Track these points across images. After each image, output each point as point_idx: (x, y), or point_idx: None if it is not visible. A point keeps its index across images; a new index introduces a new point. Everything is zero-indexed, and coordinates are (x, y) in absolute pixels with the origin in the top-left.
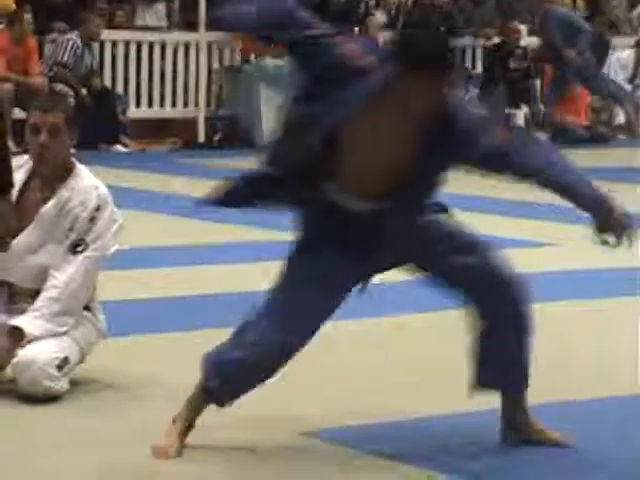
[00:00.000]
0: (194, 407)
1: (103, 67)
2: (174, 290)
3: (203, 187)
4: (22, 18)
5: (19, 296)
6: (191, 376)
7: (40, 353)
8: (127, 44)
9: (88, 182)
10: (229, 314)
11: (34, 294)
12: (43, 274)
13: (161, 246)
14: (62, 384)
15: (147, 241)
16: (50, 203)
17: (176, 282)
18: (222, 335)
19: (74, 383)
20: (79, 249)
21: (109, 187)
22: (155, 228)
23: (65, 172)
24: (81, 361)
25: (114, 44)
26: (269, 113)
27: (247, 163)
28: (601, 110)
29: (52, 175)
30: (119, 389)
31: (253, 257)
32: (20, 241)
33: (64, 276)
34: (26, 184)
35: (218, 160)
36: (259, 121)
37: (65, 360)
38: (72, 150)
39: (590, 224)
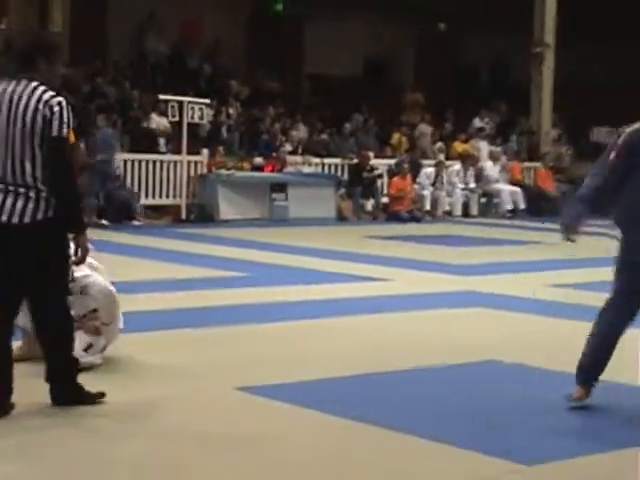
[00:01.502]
0: None
1: (126, 175)
2: (158, 305)
3: (182, 245)
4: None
5: None
6: (175, 358)
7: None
8: (140, 162)
9: None
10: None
11: None
12: None
13: (154, 279)
14: (88, 360)
15: (147, 276)
16: None
17: (158, 300)
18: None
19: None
20: None
21: (130, 246)
22: (154, 268)
23: None
24: (105, 348)
25: (134, 162)
26: (223, 202)
27: (209, 232)
28: (417, 202)
29: None
30: (134, 365)
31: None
32: None
33: None
34: None
35: (192, 230)
36: (217, 207)
37: (89, 345)
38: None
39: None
